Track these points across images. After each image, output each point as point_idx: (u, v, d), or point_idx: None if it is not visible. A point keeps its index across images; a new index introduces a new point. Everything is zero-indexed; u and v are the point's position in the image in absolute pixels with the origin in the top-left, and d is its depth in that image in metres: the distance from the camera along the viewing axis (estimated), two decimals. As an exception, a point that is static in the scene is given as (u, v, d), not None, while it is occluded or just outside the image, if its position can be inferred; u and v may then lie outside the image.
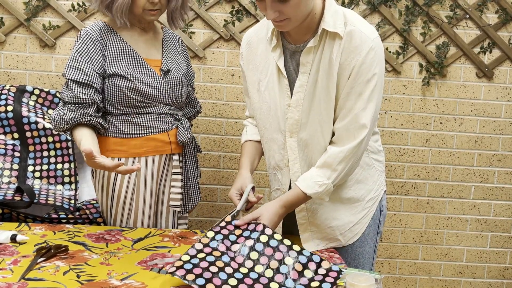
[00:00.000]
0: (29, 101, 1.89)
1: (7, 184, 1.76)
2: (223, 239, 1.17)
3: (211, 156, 2.35)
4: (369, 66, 1.19)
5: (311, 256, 1.15)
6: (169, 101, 1.57)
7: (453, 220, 2.46)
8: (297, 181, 1.28)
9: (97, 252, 1.26)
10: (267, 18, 1.16)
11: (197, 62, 2.27)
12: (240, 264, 1.11)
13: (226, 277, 1.06)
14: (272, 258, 1.13)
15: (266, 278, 1.09)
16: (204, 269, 1.06)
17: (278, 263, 1.12)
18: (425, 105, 2.37)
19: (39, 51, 2.22)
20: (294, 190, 1.27)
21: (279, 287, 1.07)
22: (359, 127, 1.23)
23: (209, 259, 1.11)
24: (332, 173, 1.25)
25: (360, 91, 1.21)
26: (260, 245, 1.15)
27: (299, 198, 1.27)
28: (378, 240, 1.43)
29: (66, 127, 1.44)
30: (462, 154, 2.41)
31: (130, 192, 1.55)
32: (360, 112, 1.22)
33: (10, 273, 1.10)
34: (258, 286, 1.06)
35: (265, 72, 1.33)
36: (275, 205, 1.26)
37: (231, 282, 1.05)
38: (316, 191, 1.25)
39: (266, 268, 1.11)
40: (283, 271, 1.11)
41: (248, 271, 1.10)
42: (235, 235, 1.19)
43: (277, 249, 1.15)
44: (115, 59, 1.50)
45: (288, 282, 1.06)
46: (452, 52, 2.31)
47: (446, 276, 2.50)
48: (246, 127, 1.52)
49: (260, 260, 1.13)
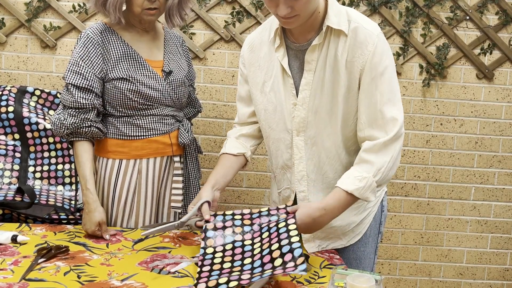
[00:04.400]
0: (30, 102, 1.89)
1: (7, 184, 1.76)
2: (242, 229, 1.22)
3: (211, 157, 2.35)
4: (379, 60, 1.20)
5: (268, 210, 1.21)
6: (170, 102, 1.57)
7: (453, 221, 2.46)
8: (338, 182, 1.21)
9: (97, 253, 1.26)
10: (279, 13, 1.16)
11: (198, 63, 2.27)
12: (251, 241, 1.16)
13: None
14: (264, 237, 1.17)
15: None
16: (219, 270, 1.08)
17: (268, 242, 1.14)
18: (425, 106, 2.37)
19: (40, 52, 2.22)
20: (334, 191, 1.20)
21: (251, 267, 1.08)
22: (388, 121, 1.20)
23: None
24: (370, 167, 1.18)
25: (376, 85, 1.21)
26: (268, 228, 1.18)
27: (340, 199, 1.18)
28: (379, 240, 1.43)
29: (66, 132, 1.45)
30: (462, 155, 2.41)
31: (131, 193, 1.55)
32: (384, 106, 1.20)
33: (11, 273, 1.10)
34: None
35: (270, 73, 1.34)
36: (313, 206, 1.18)
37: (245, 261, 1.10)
38: (357, 186, 1.17)
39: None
40: (256, 229, 1.17)
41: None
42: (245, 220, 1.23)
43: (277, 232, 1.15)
44: (117, 62, 1.49)
45: (257, 263, 1.07)
46: (453, 54, 2.32)
47: (446, 277, 2.49)
48: (227, 139, 1.48)
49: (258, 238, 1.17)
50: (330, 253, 1.35)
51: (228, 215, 1.25)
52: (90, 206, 1.42)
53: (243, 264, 1.08)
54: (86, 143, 1.48)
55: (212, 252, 1.17)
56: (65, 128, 1.44)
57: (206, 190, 1.32)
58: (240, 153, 1.43)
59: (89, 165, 1.46)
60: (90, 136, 1.48)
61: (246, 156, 1.44)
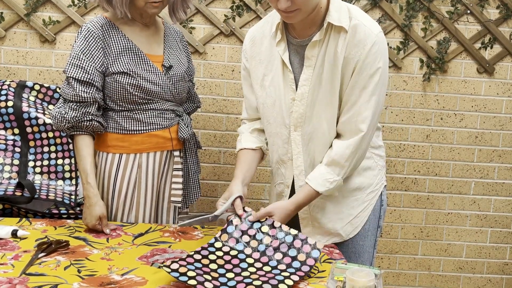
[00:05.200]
0: (29, 97, 1.89)
1: (7, 179, 1.76)
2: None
3: (211, 152, 2.35)
4: (373, 60, 1.20)
5: (297, 234, 1.18)
6: (170, 97, 1.57)
7: (453, 215, 2.46)
8: (308, 180, 1.28)
9: (97, 247, 1.27)
10: (279, 7, 1.16)
11: (197, 58, 2.27)
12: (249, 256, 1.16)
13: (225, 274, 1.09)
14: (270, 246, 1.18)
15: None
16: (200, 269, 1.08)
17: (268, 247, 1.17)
18: (425, 100, 2.36)
19: (39, 46, 2.21)
20: (305, 189, 1.28)
21: (262, 266, 1.12)
22: (362, 120, 1.24)
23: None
24: (341, 170, 1.27)
25: (364, 85, 1.22)
26: (262, 235, 1.20)
27: (311, 196, 1.28)
28: (378, 234, 1.43)
29: (67, 126, 1.45)
30: (463, 150, 2.41)
31: (131, 188, 1.55)
32: (363, 105, 1.23)
33: (11, 268, 1.10)
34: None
35: (270, 67, 1.34)
36: (288, 206, 1.27)
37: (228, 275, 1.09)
38: (328, 188, 1.27)
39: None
40: (269, 253, 1.16)
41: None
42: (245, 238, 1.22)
43: (275, 238, 1.19)
44: (117, 56, 1.49)
45: (231, 283, 1.06)
46: (453, 48, 2.31)
47: (445, 271, 2.50)
48: (241, 134, 1.48)
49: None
50: (329, 248, 1.36)
51: (261, 222, 1.23)
52: (90, 200, 1.42)
53: (223, 275, 1.08)
54: (87, 137, 1.48)
55: (218, 247, 1.18)
56: (66, 122, 1.44)
57: (237, 184, 1.32)
58: (258, 146, 1.43)
59: (89, 159, 1.46)
60: (91, 130, 1.48)
61: (263, 149, 1.45)
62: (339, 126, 1.28)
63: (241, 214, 1.25)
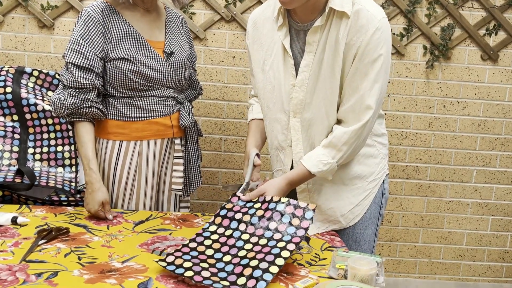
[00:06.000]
0: (28, 83, 1.87)
1: (7, 166, 1.75)
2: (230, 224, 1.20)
3: (212, 139, 2.34)
4: (375, 46, 1.18)
5: (288, 200, 1.19)
6: (172, 84, 1.55)
7: (454, 203, 2.46)
8: (302, 159, 1.29)
9: (98, 235, 1.26)
10: None
11: (198, 44, 2.24)
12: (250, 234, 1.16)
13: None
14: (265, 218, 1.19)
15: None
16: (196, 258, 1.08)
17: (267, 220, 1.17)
18: (428, 88, 2.34)
19: (37, 31, 2.19)
20: (299, 167, 1.28)
21: (258, 240, 1.12)
22: (365, 108, 1.22)
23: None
24: (336, 153, 1.26)
25: (366, 71, 1.20)
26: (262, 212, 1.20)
27: (303, 175, 1.28)
28: (379, 223, 1.42)
29: (66, 112, 1.43)
30: (465, 138, 2.39)
31: (132, 175, 1.54)
32: (366, 93, 1.21)
33: (11, 255, 1.10)
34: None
35: (270, 51, 1.32)
36: (280, 182, 1.27)
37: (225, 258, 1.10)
38: (321, 169, 1.26)
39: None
40: (262, 224, 1.16)
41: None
42: (241, 214, 1.22)
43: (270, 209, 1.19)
44: (118, 41, 1.47)
45: (228, 267, 1.06)
46: (457, 34, 2.28)
47: (446, 259, 2.51)
48: (252, 105, 1.52)
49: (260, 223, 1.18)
50: (331, 235, 1.35)
51: (253, 201, 1.25)
52: (93, 185, 1.41)
53: (219, 260, 1.08)
54: (87, 124, 1.47)
55: (213, 231, 1.19)
56: (65, 108, 1.42)
57: (252, 147, 1.39)
58: None
59: (90, 145, 1.45)
60: (90, 116, 1.46)
61: None
62: (341, 113, 1.26)
63: (258, 164, 1.32)
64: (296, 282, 1.03)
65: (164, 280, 1.01)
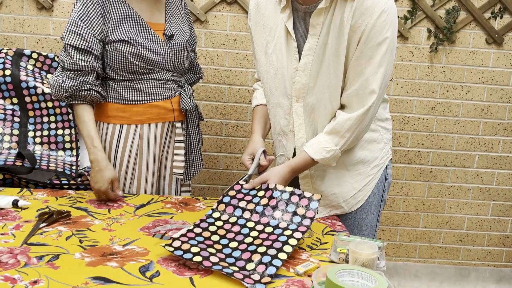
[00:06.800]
0: (27, 65, 1.85)
1: (7, 149, 1.75)
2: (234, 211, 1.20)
3: (213, 124, 2.33)
4: (380, 29, 1.15)
5: (293, 190, 1.19)
6: (172, 67, 1.53)
7: (455, 188, 2.46)
8: (305, 147, 1.28)
9: (99, 218, 1.26)
10: None
11: (199, 26, 2.21)
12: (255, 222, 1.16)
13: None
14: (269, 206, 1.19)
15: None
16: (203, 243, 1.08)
17: (272, 209, 1.17)
18: (432, 72, 2.31)
19: (36, 13, 2.16)
20: (302, 155, 1.27)
21: (263, 228, 1.12)
22: (368, 93, 1.20)
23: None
24: (340, 140, 1.25)
25: (371, 55, 1.17)
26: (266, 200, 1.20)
27: (306, 163, 1.27)
28: (381, 208, 1.42)
29: (65, 95, 1.42)
30: (468, 123, 2.38)
31: (133, 159, 1.53)
32: (370, 77, 1.19)
33: (12, 238, 1.10)
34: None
35: (273, 34, 1.30)
36: (283, 169, 1.26)
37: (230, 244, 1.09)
38: (324, 156, 1.25)
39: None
40: (267, 213, 1.16)
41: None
42: (245, 202, 1.21)
43: (274, 198, 1.19)
44: (118, 23, 1.44)
45: (236, 252, 1.06)
46: (462, 17, 2.24)
47: (446, 243, 2.52)
48: (257, 91, 1.51)
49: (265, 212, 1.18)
50: (332, 220, 1.35)
51: (256, 189, 1.24)
52: (100, 163, 1.40)
53: (226, 246, 1.08)
54: (87, 106, 1.46)
55: (216, 217, 1.18)
56: (63, 91, 1.41)
57: (259, 139, 1.38)
58: None
59: (92, 124, 1.44)
60: (89, 99, 1.45)
61: None
62: (345, 98, 1.24)
63: (266, 164, 1.31)
64: (297, 266, 1.03)
65: (166, 264, 1.01)
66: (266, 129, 1.45)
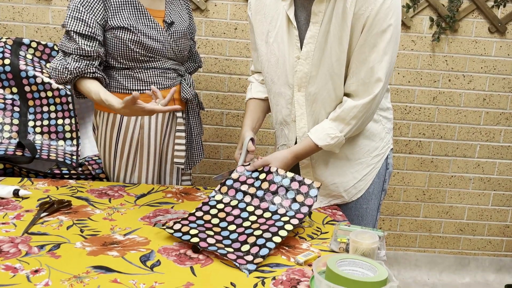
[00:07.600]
0: (26, 54, 1.84)
1: (8, 139, 1.74)
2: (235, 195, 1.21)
3: (213, 113, 2.32)
4: (384, 16, 1.14)
5: (294, 176, 1.19)
6: (172, 55, 1.52)
7: (456, 178, 2.46)
8: (309, 132, 1.27)
9: (100, 207, 1.26)
10: None
11: (199, 15, 2.19)
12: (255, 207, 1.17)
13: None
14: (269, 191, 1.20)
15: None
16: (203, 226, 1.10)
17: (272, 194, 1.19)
18: (433, 61, 2.30)
19: (35, 2, 2.14)
20: (306, 141, 1.27)
21: (262, 213, 1.13)
22: (375, 81, 1.19)
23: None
24: (345, 127, 1.24)
25: (375, 43, 1.16)
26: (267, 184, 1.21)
27: (310, 149, 1.27)
28: (382, 198, 1.42)
29: (69, 77, 1.40)
30: (469, 113, 2.37)
31: (134, 149, 1.53)
32: (376, 65, 1.18)
33: (13, 227, 1.10)
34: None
35: (274, 22, 1.28)
36: (286, 155, 1.26)
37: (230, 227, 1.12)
38: (328, 143, 1.25)
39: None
40: (267, 198, 1.17)
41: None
42: (246, 186, 1.22)
43: (275, 183, 1.20)
44: (118, 10, 1.43)
45: (233, 235, 1.08)
46: (465, 6, 2.22)
47: (446, 233, 2.53)
48: (251, 84, 1.49)
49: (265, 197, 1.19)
50: (332, 209, 1.35)
51: (259, 171, 1.25)
52: (116, 99, 1.34)
53: (225, 228, 1.10)
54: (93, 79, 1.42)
55: (219, 199, 1.20)
56: (68, 72, 1.39)
57: (247, 131, 1.37)
58: (267, 97, 1.43)
59: (102, 90, 1.38)
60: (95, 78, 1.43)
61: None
62: (350, 87, 1.23)
63: (252, 149, 1.30)
64: (298, 255, 1.03)
65: (166, 253, 1.02)
66: (257, 123, 1.43)
